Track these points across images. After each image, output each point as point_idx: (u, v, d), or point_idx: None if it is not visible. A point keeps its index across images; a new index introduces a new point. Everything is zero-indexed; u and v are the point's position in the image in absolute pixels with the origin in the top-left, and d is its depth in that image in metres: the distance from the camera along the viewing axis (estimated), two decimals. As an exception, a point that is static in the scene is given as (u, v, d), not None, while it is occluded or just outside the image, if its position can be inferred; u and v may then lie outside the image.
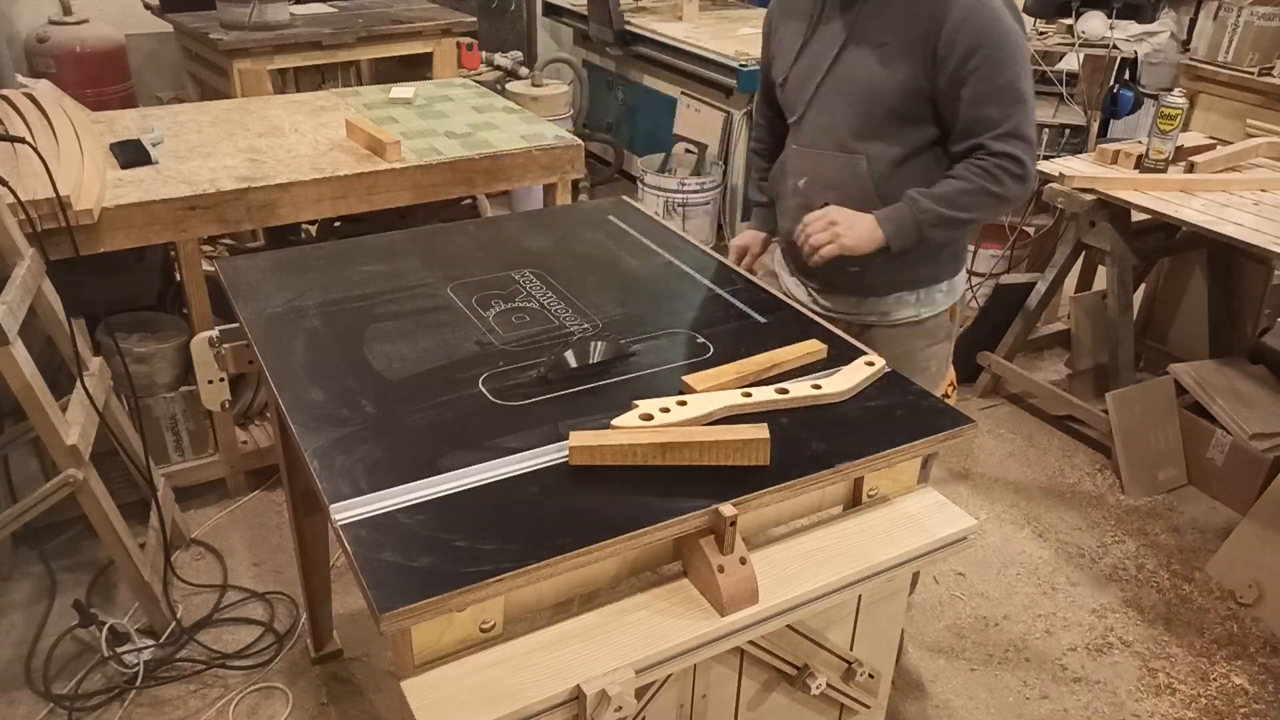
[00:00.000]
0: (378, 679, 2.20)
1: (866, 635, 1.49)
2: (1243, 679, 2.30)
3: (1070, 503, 2.90)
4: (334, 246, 2.01)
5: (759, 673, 1.42)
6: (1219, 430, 2.89)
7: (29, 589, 2.38)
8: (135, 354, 2.51)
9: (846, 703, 1.52)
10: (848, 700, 1.51)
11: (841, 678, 1.47)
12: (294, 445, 1.40)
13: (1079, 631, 2.42)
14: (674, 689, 1.34)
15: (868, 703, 1.53)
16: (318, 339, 1.62)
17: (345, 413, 1.42)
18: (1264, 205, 2.75)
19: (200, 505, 2.70)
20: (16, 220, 2.03)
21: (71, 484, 2.00)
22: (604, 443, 1.31)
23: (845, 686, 1.48)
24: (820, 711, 1.52)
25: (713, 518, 1.26)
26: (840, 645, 1.46)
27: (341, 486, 1.27)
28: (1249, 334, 3.27)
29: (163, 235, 2.37)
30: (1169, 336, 3.55)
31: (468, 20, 4.28)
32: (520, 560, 1.16)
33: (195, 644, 2.22)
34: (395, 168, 2.58)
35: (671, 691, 1.34)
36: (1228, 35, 4.33)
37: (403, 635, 1.16)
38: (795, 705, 1.48)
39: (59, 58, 4.34)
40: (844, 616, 1.46)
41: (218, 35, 3.76)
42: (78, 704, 2.07)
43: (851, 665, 1.46)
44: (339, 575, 2.32)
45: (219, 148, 2.67)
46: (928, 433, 1.45)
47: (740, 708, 1.43)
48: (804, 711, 1.50)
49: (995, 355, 3.33)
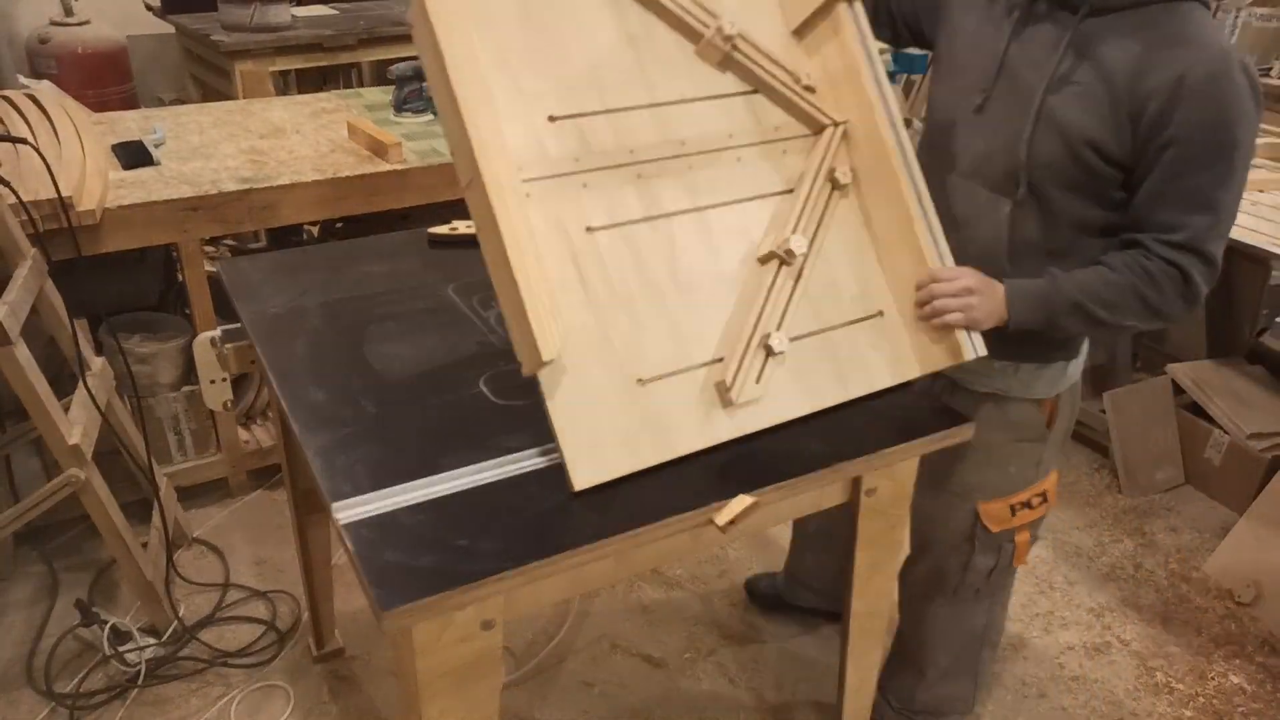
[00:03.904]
0: (379, 678, 2.21)
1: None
2: (1240, 678, 2.31)
3: (1068, 502, 2.90)
4: (335, 247, 2.02)
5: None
6: (1216, 430, 2.90)
7: (31, 588, 2.39)
8: (137, 354, 2.52)
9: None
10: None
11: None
12: (296, 444, 1.41)
13: (1077, 630, 2.43)
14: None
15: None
16: (319, 339, 1.63)
17: (347, 412, 1.43)
18: (1262, 205, 2.76)
19: (202, 504, 2.70)
20: (18, 221, 2.04)
21: (73, 483, 2.01)
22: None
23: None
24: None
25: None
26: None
27: (343, 486, 1.27)
28: (1246, 334, 3.27)
29: (164, 236, 2.37)
30: (1166, 336, 3.55)
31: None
32: (521, 560, 1.17)
33: (197, 643, 2.23)
34: (397, 169, 2.59)
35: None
36: (1227, 35, 4.34)
37: (404, 634, 1.17)
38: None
39: (60, 59, 4.35)
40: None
41: (219, 37, 3.77)
42: (79, 703, 2.08)
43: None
44: (340, 574, 2.33)
45: (220, 149, 2.68)
46: (925, 432, 1.46)
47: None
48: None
49: (994, 355, 3.34)
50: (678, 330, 1.35)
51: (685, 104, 1.41)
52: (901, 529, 1.61)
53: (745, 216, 1.45)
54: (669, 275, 1.37)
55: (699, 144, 1.42)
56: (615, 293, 1.32)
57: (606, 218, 1.33)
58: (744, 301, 1.40)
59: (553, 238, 1.29)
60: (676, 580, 2.53)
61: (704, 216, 1.42)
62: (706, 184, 1.43)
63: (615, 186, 1.34)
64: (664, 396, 1.32)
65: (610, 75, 1.36)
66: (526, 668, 2.24)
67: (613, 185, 1.34)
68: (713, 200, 1.43)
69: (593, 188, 1.33)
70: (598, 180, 1.33)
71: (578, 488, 1.25)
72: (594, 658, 2.29)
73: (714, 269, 1.40)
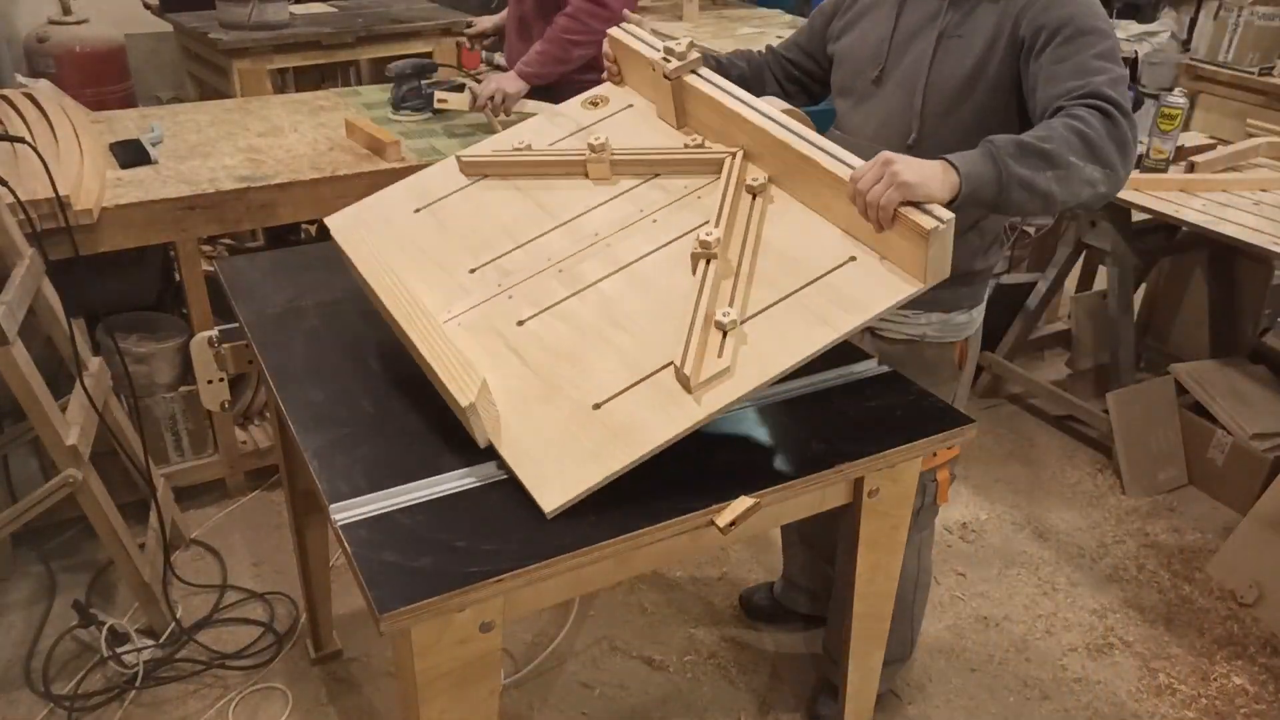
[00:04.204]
0: (377, 679, 2.20)
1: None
2: (1243, 679, 2.30)
3: (1071, 503, 2.90)
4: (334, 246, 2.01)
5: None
6: (1220, 430, 2.89)
7: (28, 589, 2.38)
8: (135, 354, 2.51)
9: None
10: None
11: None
12: (294, 445, 1.40)
13: (1079, 632, 2.42)
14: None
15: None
16: (317, 339, 1.62)
17: (345, 412, 1.42)
18: (1264, 205, 2.75)
19: (200, 505, 2.70)
20: (16, 220, 2.03)
21: (71, 484, 2.00)
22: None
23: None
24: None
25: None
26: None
27: (341, 486, 1.26)
28: (1249, 334, 3.26)
29: (162, 235, 2.37)
30: (1169, 336, 3.54)
31: (468, 20, 4.27)
32: (520, 560, 1.16)
33: (195, 644, 2.22)
34: (395, 167, 2.58)
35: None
36: (1228, 35, 4.34)
37: (402, 636, 1.16)
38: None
39: (58, 57, 4.35)
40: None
41: (217, 35, 3.76)
42: (77, 704, 2.07)
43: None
44: (339, 575, 2.32)
45: (218, 147, 2.67)
46: (928, 433, 1.45)
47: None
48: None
49: (996, 355, 3.33)
50: (626, 356, 1.36)
51: (590, 212, 1.57)
52: (903, 530, 1.61)
53: (673, 252, 1.48)
54: (608, 323, 1.40)
55: (612, 228, 1.54)
56: (557, 354, 1.38)
57: (533, 309, 1.45)
58: (687, 306, 1.38)
59: (487, 338, 1.42)
60: (676, 582, 2.52)
61: (631, 270, 1.47)
62: (627, 249, 1.50)
63: (539, 285, 1.48)
64: (624, 408, 1.30)
65: (519, 226, 1.57)
66: (526, 669, 2.23)
67: (536, 286, 1.48)
68: (636, 256, 1.49)
69: (518, 296, 1.47)
70: (522, 289, 1.48)
71: (548, 510, 1.23)
72: (594, 659, 2.28)
73: (651, 304, 1.41)
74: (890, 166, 1.33)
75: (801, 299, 1.38)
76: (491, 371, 1.36)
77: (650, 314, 1.40)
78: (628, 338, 1.38)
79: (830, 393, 1.54)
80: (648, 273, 1.47)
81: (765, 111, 1.54)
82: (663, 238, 1.50)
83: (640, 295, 1.43)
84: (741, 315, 1.35)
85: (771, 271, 1.42)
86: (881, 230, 1.36)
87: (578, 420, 1.30)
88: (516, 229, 1.57)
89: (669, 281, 1.44)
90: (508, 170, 1.66)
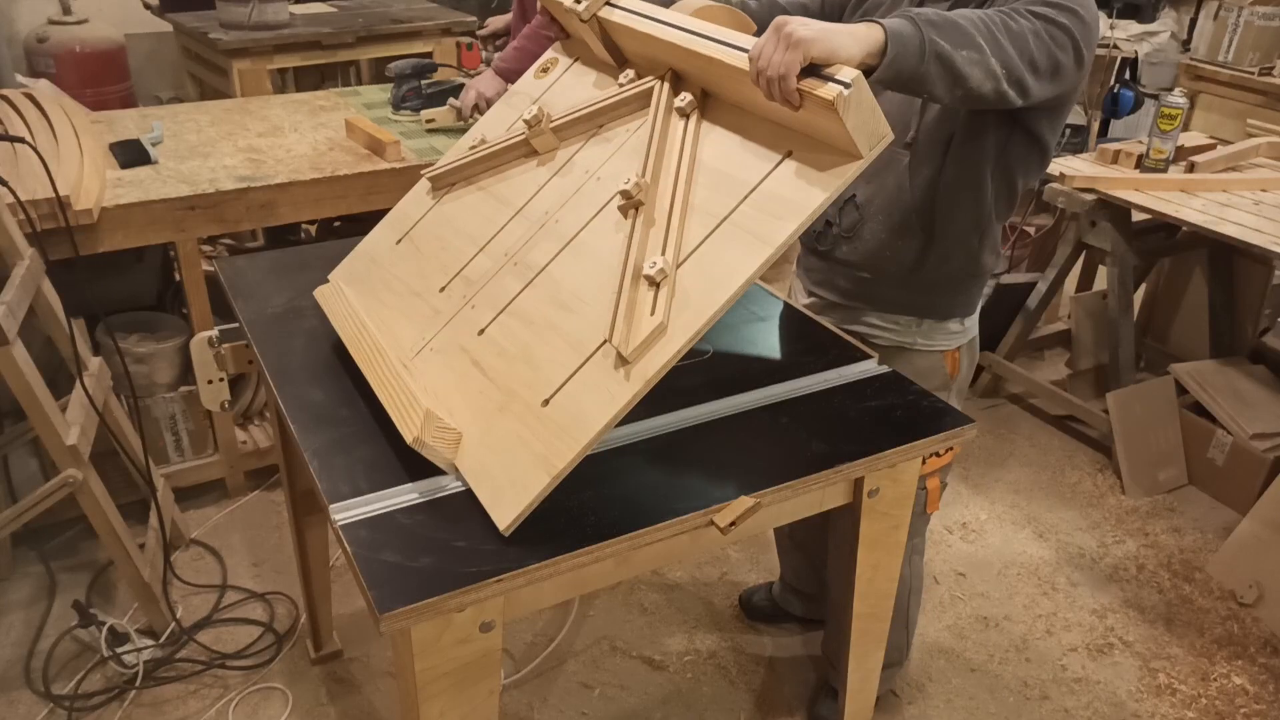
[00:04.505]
0: (377, 679, 2.20)
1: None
2: (1243, 679, 2.30)
3: (1071, 503, 2.90)
4: (334, 246, 2.01)
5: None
6: (1220, 430, 2.89)
7: (29, 589, 2.38)
8: (135, 354, 2.51)
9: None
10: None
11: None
12: (294, 445, 1.40)
13: (1079, 632, 2.42)
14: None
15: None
16: (317, 339, 1.62)
17: (345, 412, 1.42)
18: (1264, 205, 2.75)
19: (200, 505, 2.70)
20: (16, 220, 2.03)
21: (71, 484, 2.00)
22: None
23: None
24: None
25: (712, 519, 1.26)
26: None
27: (341, 486, 1.26)
28: (1249, 334, 3.26)
29: (162, 235, 2.36)
30: (1169, 336, 3.54)
31: (468, 20, 4.28)
32: (520, 560, 1.16)
33: (195, 644, 2.22)
34: (395, 167, 2.58)
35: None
36: (1228, 35, 4.33)
37: (402, 635, 1.16)
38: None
39: (58, 57, 4.35)
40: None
41: (217, 35, 3.76)
42: (77, 704, 2.07)
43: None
44: (339, 575, 2.32)
45: (218, 147, 2.67)
46: (928, 433, 1.45)
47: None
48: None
49: (996, 355, 3.33)
50: (571, 340, 1.30)
51: (541, 191, 1.52)
52: (903, 530, 1.60)
53: (610, 211, 1.38)
54: (555, 307, 1.34)
55: (560, 201, 1.47)
56: (513, 357, 1.35)
57: (493, 312, 1.42)
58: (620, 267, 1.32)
59: (454, 358, 1.41)
60: (676, 582, 2.52)
61: (576, 244, 1.39)
62: (573, 221, 1.42)
63: (497, 286, 1.45)
64: (570, 398, 1.25)
65: (481, 228, 1.54)
66: (526, 669, 2.23)
67: (495, 287, 1.45)
68: (580, 225, 1.41)
69: (479, 303, 1.45)
70: (483, 295, 1.45)
71: (503, 528, 1.20)
72: (594, 659, 2.28)
73: (593, 275, 1.34)
74: (784, 28, 1.19)
75: (737, 220, 1.27)
76: (457, 392, 1.36)
77: (594, 286, 1.32)
78: (574, 319, 1.31)
79: (830, 393, 1.54)
80: (589, 241, 1.38)
81: (670, 21, 1.40)
82: (602, 197, 1.41)
83: (583, 269, 1.36)
84: (678, 259, 1.26)
85: (708, 198, 1.31)
86: (797, 109, 1.20)
87: (529, 423, 1.26)
88: (479, 232, 1.53)
89: (608, 244, 1.34)
90: (469, 173, 1.63)
